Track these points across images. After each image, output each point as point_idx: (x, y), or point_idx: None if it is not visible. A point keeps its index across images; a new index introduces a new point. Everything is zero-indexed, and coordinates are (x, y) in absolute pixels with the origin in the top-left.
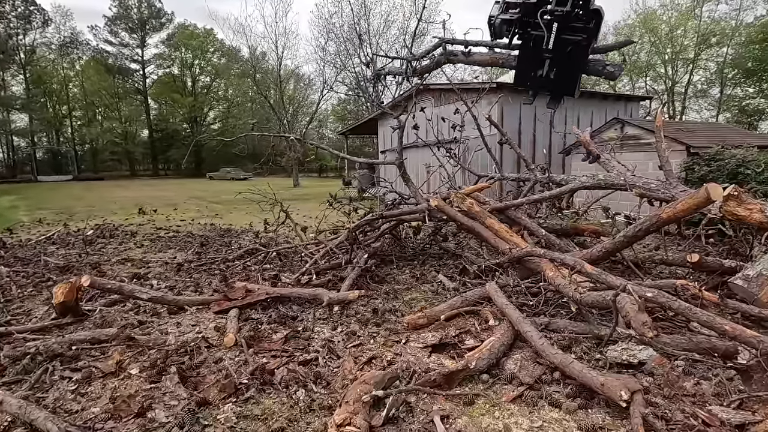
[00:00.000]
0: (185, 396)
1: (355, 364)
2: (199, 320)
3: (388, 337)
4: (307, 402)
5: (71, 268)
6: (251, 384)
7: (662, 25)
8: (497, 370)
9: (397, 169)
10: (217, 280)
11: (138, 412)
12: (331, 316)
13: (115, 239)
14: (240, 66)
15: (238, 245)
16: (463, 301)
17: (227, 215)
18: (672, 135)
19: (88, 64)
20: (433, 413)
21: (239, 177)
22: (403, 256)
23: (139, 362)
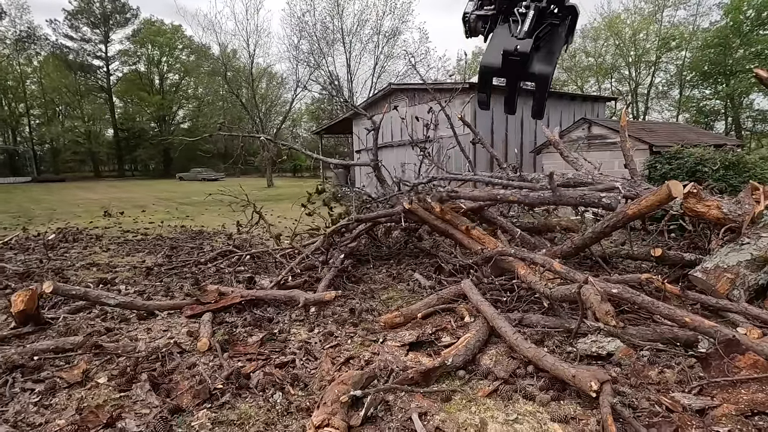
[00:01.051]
0: (157, 404)
1: (332, 365)
2: (171, 325)
3: (365, 336)
4: (284, 405)
5: (32, 275)
6: (226, 389)
7: (626, 28)
8: (473, 365)
9: (373, 170)
10: (189, 283)
11: (107, 423)
12: (307, 317)
13: (79, 243)
14: (210, 64)
15: (210, 247)
16: (439, 298)
17: (199, 217)
18: (636, 135)
19: (46, 60)
20: (411, 411)
21: (210, 177)
22: (380, 256)
23: (107, 371)
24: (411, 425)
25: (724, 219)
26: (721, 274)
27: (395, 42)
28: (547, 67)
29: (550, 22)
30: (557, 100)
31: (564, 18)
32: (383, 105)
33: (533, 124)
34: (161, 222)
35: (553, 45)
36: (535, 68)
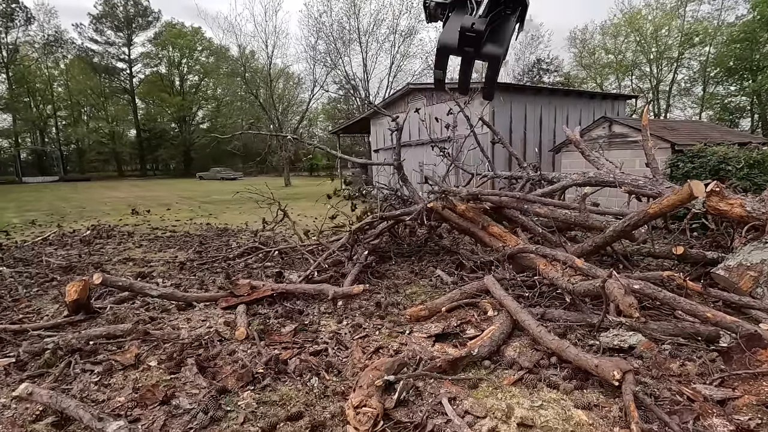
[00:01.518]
0: (205, 385)
1: (363, 354)
2: (209, 316)
3: (392, 328)
4: (321, 388)
5: (74, 268)
6: (267, 373)
7: (647, 24)
8: (497, 356)
9: (396, 170)
10: (222, 277)
11: (163, 400)
12: (335, 310)
13: (113, 240)
14: (229, 65)
15: (236, 244)
16: (462, 293)
17: (221, 215)
18: (657, 133)
19: (73, 63)
20: (441, 396)
21: (229, 177)
22: (401, 253)
23: (156, 355)
24: (441, 408)
25: (747, 217)
26: (744, 272)
27: (411, 41)
28: (499, 48)
29: (502, 10)
30: (576, 99)
31: (515, 8)
32: (401, 104)
33: (552, 122)
34: (188, 219)
35: (505, 31)
36: (488, 49)
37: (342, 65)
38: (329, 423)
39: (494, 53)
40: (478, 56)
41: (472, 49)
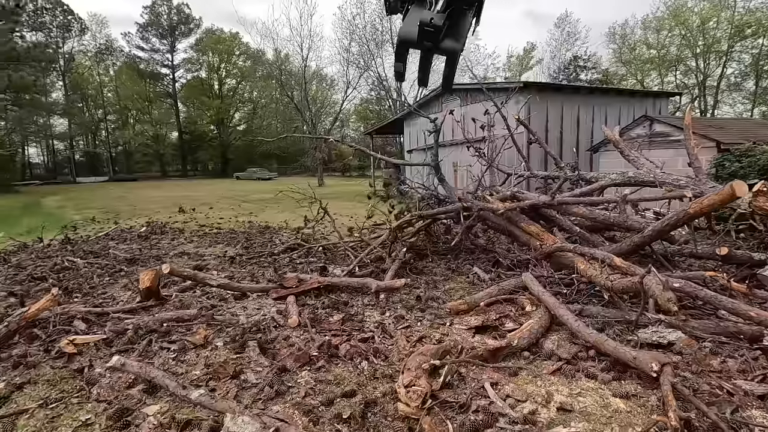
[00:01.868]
0: (267, 364)
1: (407, 342)
2: (262, 305)
3: (433, 320)
4: (370, 371)
5: (137, 260)
6: (320, 356)
7: (693, 17)
8: (536, 348)
9: (434, 170)
10: (271, 270)
11: (233, 375)
12: (378, 302)
13: (166, 236)
14: (265, 68)
15: (279, 241)
16: (500, 290)
17: (261, 213)
18: (702, 132)
19: (121, 70)
20: (483, 381)
21: (264, 177)
22: (437, 251)
23: (221, 337)
24: (484, 392)
25: None
26: None
27: None
28: (457, 44)
29: (460, 6)
30: (615, 97)
31: (472, 4)
32: (435, 105)
33: (590, 121)
34: (233, 217)
35: (462, 27)
36: (446, 44)
37: (374, 67)
38: (380, 400)
39: (452, 48)
40: (437, 50)
41: (430, 44)
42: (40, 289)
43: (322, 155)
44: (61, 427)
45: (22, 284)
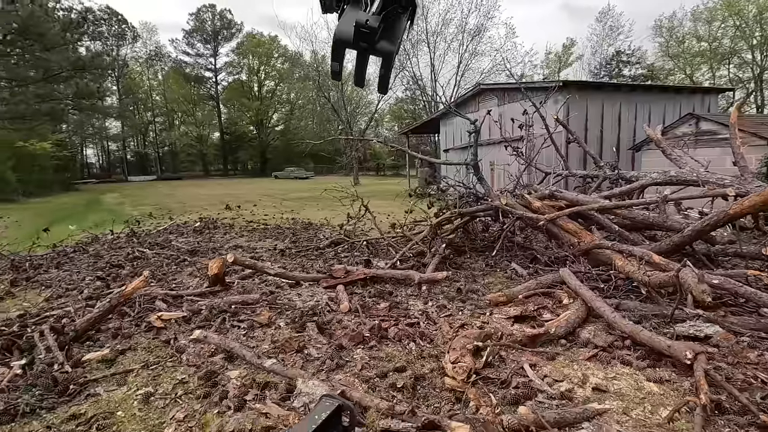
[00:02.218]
0: (325, 342)
1: (450, 328)
2: (314, 293)
3: (473, 310)
4: (418, 351)
5: (197, 252)
6: (372, 337)
7: (749, 6)
8: (573, 337)
9: (473, 169)
10: (320, 262)
11: (297, 349)
12: (420, 293)
13: (219, 230)
14: (302, 70)
15: (323, 236)
16: (538, 284)
17: (302, 211)
18: (752, 129)
19: (168, 74)
20: (523, 362)
21: (302, 176)
22: (475, 248)
23: (283, 319)
24: (523, 372)
25: None
26: None
27: (480, 39)
28: (391, 46)
29: (395, 9)
30: (659, 94)
31: (407, 7)
32: (472, 104)
33: (632, 119)
34: (278, 214)
35: (397, 29)
36: (382, 46)
37: (410, 66)
38: (429, 375)
39: (387, 50)
40: (372, 52)
41: (366, 45)
42: (119, 275)
43: (358, 155)
44: (163, 383)
45: (103, 270)
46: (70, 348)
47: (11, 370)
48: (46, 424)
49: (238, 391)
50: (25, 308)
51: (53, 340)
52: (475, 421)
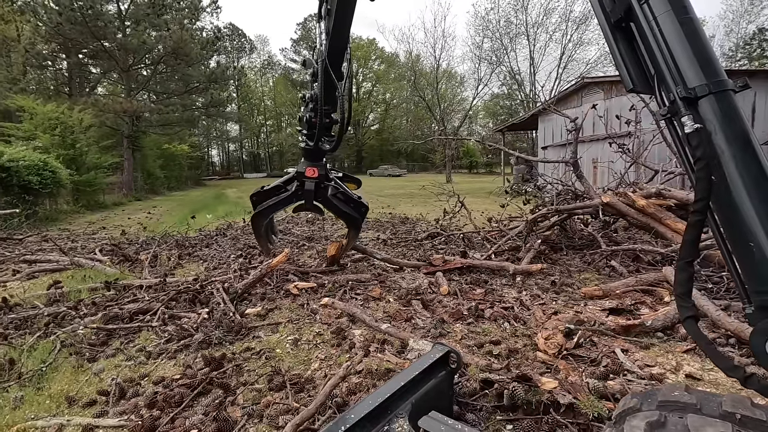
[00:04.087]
0: (429, 316)
1: (543, 314)
2: (416, 277)
3: (567, 301)
4: (511, 330)
5: (313, 239)
6: (469, 315)
7: None
8: (671, 331)
9: (572, 167)
10: (420, 252)
11: (406, 318)
12: (514, 283)
13: (326, 222)
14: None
15: (420, 229)
16: (639, 281)
17: (397, 206)
18: None
19: (278, 81)
20: (614, 347)
21: (395, 174)
22: (572, 246)
23: (391, 295)
24: (613, 355)
25: None
26: None
27: (587, 27)
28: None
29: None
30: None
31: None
32: (574, 99)
33: None
34: (380, 208)
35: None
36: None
37: (507, 61)
38: (521, 350)
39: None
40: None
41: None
42: (254, 254)
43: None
44: (304, 333)
45: (242, 250)
46: (236, 303)
47: (200, 315)
48: (231, 351)
49: (363, 344)
50: (195, 275)
51: (222, 298)
52: (564, 381)
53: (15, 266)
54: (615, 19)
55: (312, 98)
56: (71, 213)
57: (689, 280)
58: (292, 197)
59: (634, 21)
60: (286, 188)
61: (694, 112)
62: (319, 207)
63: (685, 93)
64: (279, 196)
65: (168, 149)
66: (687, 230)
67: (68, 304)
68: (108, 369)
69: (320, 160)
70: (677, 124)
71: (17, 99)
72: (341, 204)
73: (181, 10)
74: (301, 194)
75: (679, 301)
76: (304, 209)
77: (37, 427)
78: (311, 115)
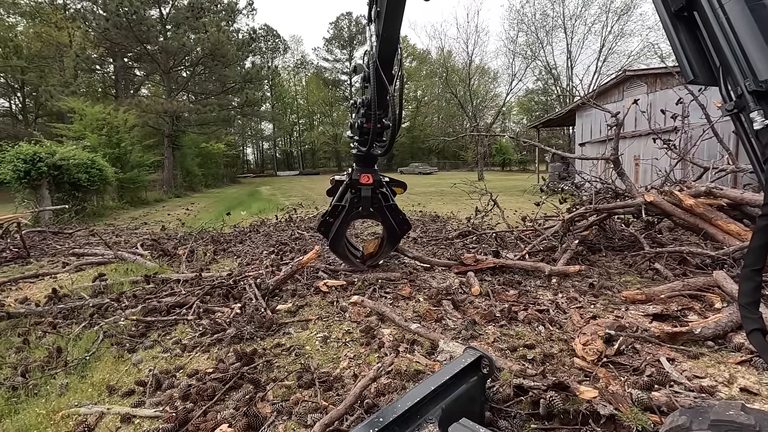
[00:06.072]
0: (460, 317)
1: (581, 318)
2: (446, 277)
3: (607, 305)
4: (546, 334)
5: None
6: (502, 317)
7: None
8: (723, 341)
9: (612, 164)
10: (451, 251)
11: (436, 319)
12: (549, 285)
13: None
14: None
15: (451, 228)
16: (685, 285)
17: (428, 204)
18: None
19: (310, 80)
20: (659, 355)
21: (426, 171)
22: (612, 247)
23: (421, 294)
24: (658, 364)
25: None
26: None
27: (628, 17)
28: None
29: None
30: None
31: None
32: (615, 93)
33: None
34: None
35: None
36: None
37: (543, 55)
38: (557, 355)
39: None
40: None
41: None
42: (286, 251)
43: (484, 149)
44: (334, 331)
45: (274, 246)
46: (268, 299)
47: (233, 310)
48: (262, 347)
49: (392, 344)
50: (229, 270)
51: (254, 293)
52: (604, 390)
53: (65, 259)
54: (676, 8)
55: (363, 103)
56: (116, 209)
57: (756, 289)
58: (352, 209)
59: (698, 9)
60: (343, 205)
61: (765, 106)
62: (375, 213)
63: (754, 86)
64: (340, 216)
65: (205, 148)
66: (755, 236)
67: (111, 296)
68: (146, 360)
69: (372, 166)
70: (745, 119)
71: (69, 101)
72: (392, 214)
73: (218, 12)
74: (358, 202)
75: (744, 311)
76: (360, 217)
77: (80, 414)
78: (363, 120)
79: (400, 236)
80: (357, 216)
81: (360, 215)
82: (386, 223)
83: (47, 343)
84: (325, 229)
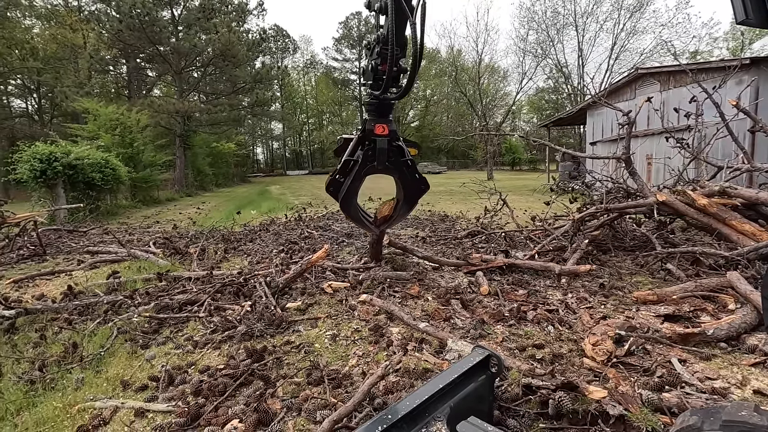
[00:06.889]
0: (468, 316)
1: (590, 318)
2: (455, 277)
3: (617, 306)
4: (555, 334)
5: (352, 235)
6: (511, 317)
7: None
8: (736, 342)
9: (624, 163)
10: (459, 250)
11: (445, 318)
12: (559, 285)
13: None
14: (439, 66)
15: (460, 227)
16: (698, 286)
17: (437, 204)
18: None
19: (320, 80)
20: (671, 356)
21: (435, 171)
22: (623, 247)
23: (430, 293)
24: (669, 365)
25: None
26: None
27: (641, 15)
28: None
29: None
30: None
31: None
32: (627, 92)
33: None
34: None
35: None
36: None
37: (554, 53)
38: (566, 355)
39: None
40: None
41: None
42: (295, 250)
43: (493, 149)
44: (342, 329)
45: (283, 245)
46: (278, 297)
47: (243, 308)
48: (272, 344)
49: (400, 342)
50: (239, 268)
51: (264, 291)
52: (614, 390)
53: (80, 256)
54: None
55: (378, 40)
56: (129, 208)
57: None
58: (366, 163)
59: None
60: (355, 160)
61: None
62: (391, 169)
63: None
64: (352, 172)
65: (216, 147)
66: None
67: (125, 293)
68: (159, 356)
69: (387, 116)
70: None
71: (83, 102)
72: (410, 172)
73: (229, 13)
74: (372, 155)
75: (766, 303)
76: (374, 172)
77: (95, 408)
78: (377, 61)
79: (418, 196)
80: (371, 171)
81: (375, 170)
82: (403, 180)
83: (63, 338)
84: (335, 189)
